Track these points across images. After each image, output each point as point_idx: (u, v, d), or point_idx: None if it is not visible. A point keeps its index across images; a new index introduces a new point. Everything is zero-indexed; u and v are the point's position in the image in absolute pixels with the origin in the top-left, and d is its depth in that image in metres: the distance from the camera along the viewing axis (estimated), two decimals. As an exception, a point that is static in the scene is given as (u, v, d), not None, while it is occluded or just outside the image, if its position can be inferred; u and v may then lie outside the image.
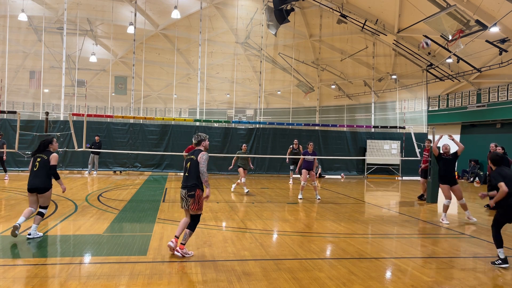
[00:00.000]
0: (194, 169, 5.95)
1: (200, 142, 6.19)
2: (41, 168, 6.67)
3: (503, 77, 19.85)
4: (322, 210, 10.48)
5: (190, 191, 5.91)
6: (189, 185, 5.94)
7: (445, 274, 5.49)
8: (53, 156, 6.77)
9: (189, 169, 6.00)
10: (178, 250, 5.86)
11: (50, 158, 6.73)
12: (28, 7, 22.87)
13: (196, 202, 5.93)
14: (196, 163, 5.95)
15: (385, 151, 21.49)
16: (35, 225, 6.60)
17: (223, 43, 27.88)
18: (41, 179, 6.64)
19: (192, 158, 6.04)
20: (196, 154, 6.05)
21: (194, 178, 5.93)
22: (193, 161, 6.00)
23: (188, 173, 5.99)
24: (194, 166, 5.96)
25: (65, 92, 21.60)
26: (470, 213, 9.45)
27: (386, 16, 21.81)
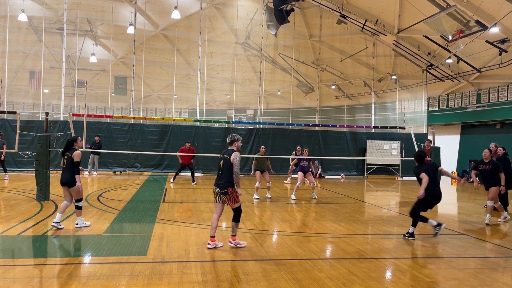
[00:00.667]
0: (228, 168, 6.30)
1: (232, 142, 6.55)
2: (68, 165, 7.45)
3: (503, 77, 19.85)
4: (322, 210, 10.47)
5: (222, 190, 6.31)
6: (221, 183, 6.32)
7: (445, 274, 5.49)
8: (76, 153, 7.42)
9: (223, 168, 6.35)
10: (231, 241, 6.40)
11: (73, 156, 7.39)
12: (28, 8, 22.88)
13: (231, 198, 6.35)
14: (229, 163, 6.31)
15: (385, 152, 21.50)
16: (79, 217, 7.54)
17: (223, 44, 27.89)
18: (69, 175, 7.38)
19: (226, 157, 6.38)
20: (229, 153, 6.39)
21: (226, 177, 6.31)
22: (226, 160, 6.35)
23: (222, 171, 6.35)
24: (228, 166, 6.31)
25: (65, 93, 21.61)
26: None
27: (386, 16, 21.82)
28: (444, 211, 11.27)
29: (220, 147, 19.86)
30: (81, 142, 7.74)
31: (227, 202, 6.36)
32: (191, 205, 10.68)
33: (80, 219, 7.52)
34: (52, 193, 11.19)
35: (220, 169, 6.39)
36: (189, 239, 6.92)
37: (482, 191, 16.12)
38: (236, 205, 6.40)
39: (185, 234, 7.31)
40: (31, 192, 11.63)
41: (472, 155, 21.81)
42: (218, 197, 6.38)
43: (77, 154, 7.42)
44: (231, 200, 6.33)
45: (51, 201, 10.31)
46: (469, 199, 14.40)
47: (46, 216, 8.52)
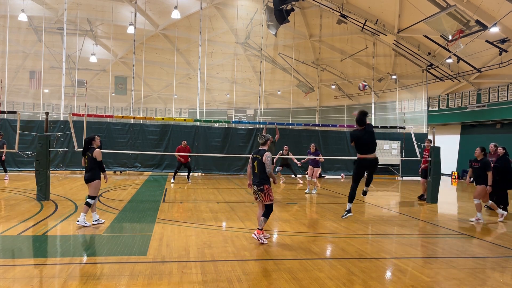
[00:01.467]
0: (262, 168, 6.76)
1: (266, 141, 6.98)
2: (90, 164, 7.69)
3: (503, 77, 19.84)
4: (322, 210, 10.47)
5: (259, 187, 6.77)
6: (257, 182, 6.80)
7: (445, 274, 5.49)
8: (97, 152, 7.67)
9: (257, 168, 6.81)
10: (255, 234, 6.73)
11: (95, 155, 7.64)
12: (28, 8, 22.88)
13: (266, 195, 6.76)
14: (262, 163, 6.75)
15: (385, 151, 21.50)
16: (82, 214, 7.51)
17: (223, 43, 27.89)
18: (90, 172, 7.66)
19: (258, 157, 6.82)
20: (261, 154, 6.83)
21: (261, 176, 6.77)
22: (259, 160, 6.80)
23: (257, 171, 6.82)
24: (262, 165, 6.76)
25: (65, 92, 21.61)
26: None
27: (386, 16, 21.81)
28: (444, 211, 11.28)
29: (220, 147, 19.87)
30: (99, 140, 7.91)
31: (263, 199, 6.77)
32: (191, 205, 10.68)
33: (83, 216, 7.53)
34: (52, 193, 11.19)
35: (254, 169, 6.85)
36: (189, 239, 6.93)
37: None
38: (269, 202, 6.80)
39: (185, 234, 7.31)
40: (31, 192, 11.63)
41: (472, 155, 21.67)
42: (257, 195, 6.85)
43: (98, 153, 7.65)
44: (266, 197, 6.75)
45: (51, 201, 10.31)
46: (469, 199, 14.39)
47: (46, 216, 8.52)
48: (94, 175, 7.63)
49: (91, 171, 7.63)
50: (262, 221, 6.79)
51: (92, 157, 7.63)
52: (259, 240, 6.69)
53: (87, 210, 7.51)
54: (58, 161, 18.46)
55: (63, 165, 18.63)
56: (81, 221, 7.45)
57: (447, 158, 21.91)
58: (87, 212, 7.53)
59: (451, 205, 12.92)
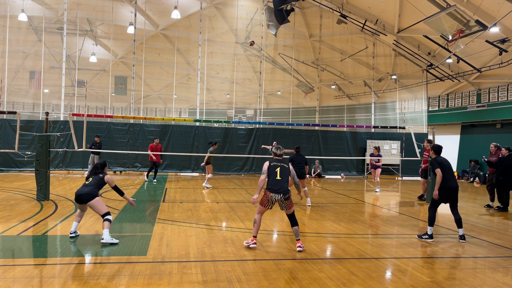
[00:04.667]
0: (287, 175, 6.57)
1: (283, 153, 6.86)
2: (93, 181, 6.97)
3: (503, 77, 19.85)
4: (322, 210, 10.47)
5: (286, 195, 6.43)
6: (283, 190, 6.44)
7: (445, 274, 5.49)
8: (111, 178, 7.16)
9: (282, 175, 6.52)
10: (301, 246, 6.38)
11: (108, 181, 7.09)
12: (28, 7, 22.88)
13: (291, 202, 6.55)
14: (288, 170, 6.64)
15: (385, 151, 21.50)
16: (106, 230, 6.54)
17: (223, 43, 27.88)
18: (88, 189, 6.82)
19: (283, 165, 6.63)
20: (286, 162, 6.71)
21: (286, 183, 6.52)
22: (284, 167, 6.60)
23: (281, 178, 6.51)
24: (287, 172, 6.59)
25: (65, 92, 21.61)
26: None
27: (386, 16, 21.82)
28: (444, 211, 11.27)
29: (220, 147, 19.87)
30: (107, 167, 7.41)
31: (289, 207, 6.50)
32: (191, 205, 10.68)
33: (107, 233, 6.49)
34: (52, 193, 11.19)
35: (276, 175, 6.50)
36: (189, 239, 6.93)
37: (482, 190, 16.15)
38: (293, 209, 6.63)
39: (185, 234, 7.31)
40: (31, 192, 11.63)
41: (472, 155, 21.81)
42: (280, 204, 6.49)
43: (111, 179, 7.07)
44: (291, 204, 6.54)
45: (51, 201, 10.31)
46: (469, 199, 14.40)
47: (46, 216, 8.52)
48: (93, 194, 6.69)
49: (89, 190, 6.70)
50: (297, 231, 6.52)
51: (102, 179, 6.97)
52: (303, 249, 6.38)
53: (109, 225, 6.53)
54: (58, 161, 18.46)
55: (63, 165, 18.63)
56: (106, 239, 6.43)
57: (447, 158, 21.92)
58: (109, 228, 6.54)
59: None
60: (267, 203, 6.47)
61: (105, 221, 6.54)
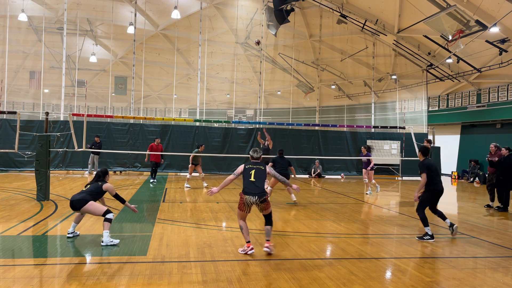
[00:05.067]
0: (262, 177, 6.32)
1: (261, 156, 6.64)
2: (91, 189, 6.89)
3: (503, 77, 19.84)
4: (322, 210, 10.47)
5: (262, 197, 6.15)
6: (260, 192, 6.17)
7: (445, 274, 5.49)
8: (109, 187, 6.95)
9: (256, 177, 6.27)
10: (268, 247, 6.17)
11: (108, 189, 6.92)
12: (28, 7, 22.88)
13: (268, 204, 6.31)
14: (264, 173, 6.38)
15: (385, 151, 21.50)
16: (106, 231, 6.47)
17: (223, 43, 27.89)
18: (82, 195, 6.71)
19: (259, 167, 6.38)
20: (262, 164, 6.47)
21: (262, 185, 6.26)
22: (260, 170, 6.35)
23: (256, 179, 6.25)
24: (262, 174, 6.34)
25: (65, 92, 21.60)
26: None
27: (386, 16, 21.82)
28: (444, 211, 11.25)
29: (220, 147, 19.87)
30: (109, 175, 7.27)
31: (265, 208, 6.26)
32: (191, 205, 10.68)
33: (106, 235, 6.43)
34: (52, 193, 11.19)
35: (250, 177, 6.24)
36: (189, 239, 6.93)
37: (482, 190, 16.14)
38: (270, 210, 6.40)
39: (185, 234, 7.31)
40: (31, 192, 11.63)
41: (472, 155, 21.81)
42: (257, 206, 6.24)
43: (110, 187, 6.90)
44: (268, 206, 6.32)
45: (51, 201, 10.31)
46: (469, 199, 14.40)
47: (46, 216, 8.52)
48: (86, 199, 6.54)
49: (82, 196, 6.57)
50: (269, 231, 6.29)
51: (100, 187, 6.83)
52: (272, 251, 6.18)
53: (109, 226, 6.46)
54: (58, 161, 18.46)
55: (63, 165, 18.63)
56: (105, 241, 6.36)
57: (447, 158, 21.95)
58: (109, 228, 6.46)
59: (451, 205, 12.92)
60: (244, 207, 6.20)
61: (105, 222, 6.45)
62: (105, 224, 6.45)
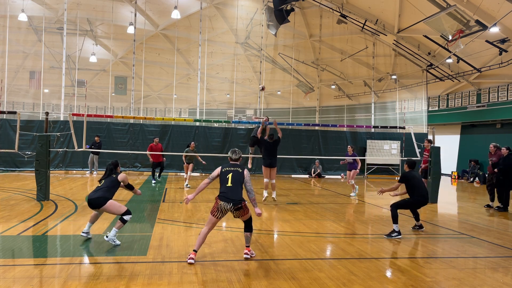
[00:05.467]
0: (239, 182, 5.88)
1: (239, 158, 6.23)
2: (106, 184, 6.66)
3: (503, 77, 19.84)
4: (322, 210, 10.47)
5: (237, 205, 5.71)
6: (236, 198, 5.72)
7: (445, 274, 5.49)
8: (124, 176, 6.79)
9: (233, 181, 5.86)
10: (247, 253, 5.87)
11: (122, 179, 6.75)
12: (28, 7, 22.87)
13: (245, 211, 5.83)
14: (242, 176, 5.90)
15: (385, 151, 21.50)
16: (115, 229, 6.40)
17: (223, 43, 27.88)
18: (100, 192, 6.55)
19: (237, 170, 5.94)
20: (241, 167, 6.02)
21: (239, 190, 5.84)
22: (237, 172, 5.91)
23: (233, 184, 5.83)
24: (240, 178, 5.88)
25: (65, 92, 21.60)
26: None
27: (386, 16, 21.81)
28: (444, 211, 11.27)
29: (220, 147, 19.86)
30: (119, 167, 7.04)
31: (242, 215, 5.85)
32: (191, 205, 10.68)
33: (114, 232, 6.35)
34: (52, 193, 11.19)
35: (227, 182, 5.84)
36: (189, 239, 6.92)
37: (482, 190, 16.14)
38: (249, 216, 5.96)
39: (185, 234, 7.31)
40: (31, 192, 11.63)
41: (472, 155, 21.81)
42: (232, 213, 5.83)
43: (125, 177, 6.74)
44: (245, 213, 5.85)
45: (51, 201, 10.31)
46: (469, 199, 14.40)
47: (46, 216, 8.52)
48: (105, 198, 6.42)
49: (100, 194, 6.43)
50: (249, 238, 5.94)
51: (116, 179, 6.67)
52: (252, 256, 5.91)
53: (121, 225, 6.38)
54: (58, 161, 18.46)
55: (63, 165, 18.63)
56: (110, 237, 6.31)
57: (447, 158, 21.93)
58: (119, 228, 6.41)
59: (451, 205, 12.92)
60: (217, 212, 5.73)
61: (119, 220, 6.36)
62: (119, 222, 6.36)
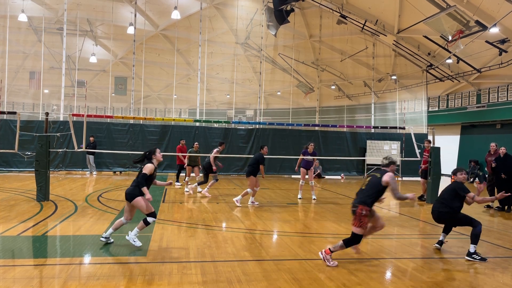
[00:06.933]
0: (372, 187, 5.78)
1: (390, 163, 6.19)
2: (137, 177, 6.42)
3: (503, 77, 19.85)
4: (322, 210, 10.47)
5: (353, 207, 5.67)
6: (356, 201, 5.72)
7: (445, 274, 5.49)
8: (147, 166, 6.41)
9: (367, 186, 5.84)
10: (322, 253, 5.78)
11: (144, 167, 6.42)
12: (28, 8, 22.88)
13: (357, 219, 5.61)
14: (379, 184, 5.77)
15: (385, 152, 21.48)
16: (136, 229, 6.32)
17: (223, 44, 27.90)
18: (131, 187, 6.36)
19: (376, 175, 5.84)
20: (382, 173, 5.90)
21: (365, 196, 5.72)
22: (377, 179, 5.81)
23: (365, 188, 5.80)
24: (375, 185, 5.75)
25: (65, 93, 21.60)
26: None
27: (386, 16, 21.82)
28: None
29: (220, 147, 19.83)
30: (160, 154, 6.63)
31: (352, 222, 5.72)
32: (191, 205, 10.68)
33: (135, 232, 6.31)
34: (52, 193, 11.18)
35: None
36: (189, 239, 6.92)
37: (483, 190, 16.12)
38: (355, 229, 5.65)
39: (185, 234, 7.31)
40: (31, 192, 11.63)
41: (472, 155, 21.81)
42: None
43: (147, 167, 6.38)
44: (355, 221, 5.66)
45: (51, 201, 10.30)
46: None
47: (46, 216, 8.51)
48: (134, 193, 6.29)
49: (130, 190, 6.33)
50: (337, 246, 5.74)
51: (141, 169, 6.46)
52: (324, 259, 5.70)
53: (143, 226, 6.27)
54: (58, 161, 18.45)
55: (62, 166, 18.62)
56: (130, 237, 6.32)
57: (447, 159, 21.90)
58: (141, 229, 6.32)
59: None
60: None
61: (143, 221, 6.25)
62: (141, 223, 6.26)
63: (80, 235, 7.04)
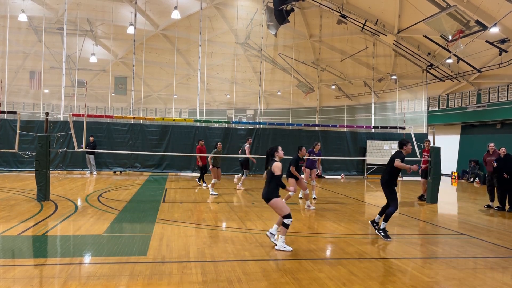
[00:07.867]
0: None
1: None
2: (268, 178, 6.59)
3: (503, 77, 19.84)
4: (322, 210, 10.47)
5: None
6: None
7: (445, 274, 5.49)
8: (275, 165, 6.46)
9: None
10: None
11: (273, 168, 6.46)
12: (28, 8, 22.87)
13: None
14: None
15: (385, 152, 21.48)
16: (281, 236, 6.43)
17: (223, 44, 27.89)
18: (265, 189, 6.54)
19: None
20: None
21: None
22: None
23: None
24: None
25: (65, 93, 21.59)
26: None
27: (386, 16, 21.82)
28: (444, 211, 11.28)
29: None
30: (281, 151, 6.72)
31: None
32: (191, 205, 10.68)
33: (282, 240, 6.38)
34: (52, 193, 11.19)
35: None
36: (189, 239, 6.93)
37: (482, 190, 16.14)
38: None
39: (185, 234, 7.31)
40: (31, 192, 11.63)
41: (472, 155, 21.80)
42: None
43: (277, 166, 6.44)
44: None
45: (51, 201, 10.31)
46: (469, 199, 14.40)
47: (46, 216, 8.52)
48: (270, 194, 6.41)
49: (268, 188, 6.45)
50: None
51: (271, 171, 6.49)
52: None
53: (285, 232, 6.41)
54: (58, 161, 18.46)
55: (63, 165, 18.63)
56: (279, 245, 6.38)
57: (447, 158, 21.92)
58: (285, 234, 6.44)
59: (451, 205, 12.92)
60: None
61: (282, 226, 6.37)
62: (282, 229, 6.40)
63: (80, 235, 7.04)
